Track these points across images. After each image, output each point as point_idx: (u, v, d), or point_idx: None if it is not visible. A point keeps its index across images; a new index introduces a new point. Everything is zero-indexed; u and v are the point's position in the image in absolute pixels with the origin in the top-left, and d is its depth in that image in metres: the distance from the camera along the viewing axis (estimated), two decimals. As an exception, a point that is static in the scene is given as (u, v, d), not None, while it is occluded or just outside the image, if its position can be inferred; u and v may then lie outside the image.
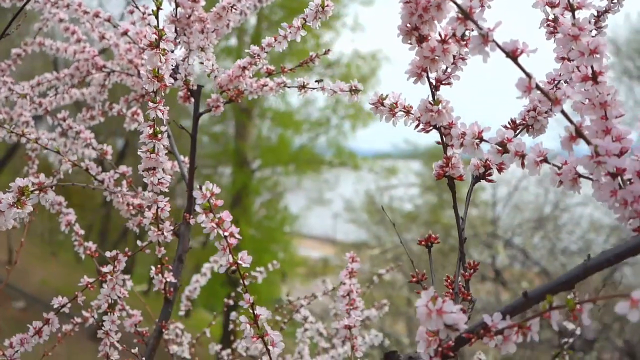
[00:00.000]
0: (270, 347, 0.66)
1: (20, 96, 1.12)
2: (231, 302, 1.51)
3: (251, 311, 0.66)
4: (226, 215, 0.64)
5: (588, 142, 0.52)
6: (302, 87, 0.97)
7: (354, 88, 0.86)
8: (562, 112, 0.52)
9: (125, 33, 1.05)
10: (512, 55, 0.51)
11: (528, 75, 0.51)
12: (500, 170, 0.68)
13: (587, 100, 0.56)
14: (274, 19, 10.64)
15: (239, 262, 0.64)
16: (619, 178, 0.53)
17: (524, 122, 0.69)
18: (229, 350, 1.41)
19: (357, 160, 11.39)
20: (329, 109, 11.83)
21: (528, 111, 0.69)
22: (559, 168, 0.56)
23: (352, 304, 0.96)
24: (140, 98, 1.17)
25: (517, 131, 0.69)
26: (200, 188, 0.62)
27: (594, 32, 0.73)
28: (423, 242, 0.70)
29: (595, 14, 0.74)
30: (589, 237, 7.44)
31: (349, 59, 10.67)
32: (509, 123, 0.70)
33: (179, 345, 1.33)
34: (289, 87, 0.99)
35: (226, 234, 0.63)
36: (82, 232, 1.11)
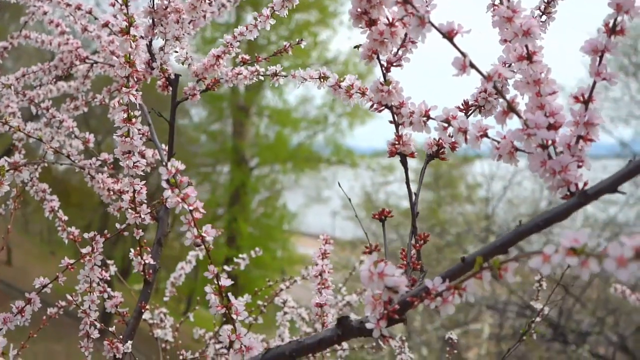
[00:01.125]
0: (234, 316, 0.70)
1: (4, 86, 1.15)
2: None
3: (216, 282, 0.70)
4: (191, 191, 0.67)
5: (519, 116, 0.55)
6: (275, 74, 1.00)
7: (322, 76, 0.89)
8: (495, 87, 0.55)
9: (106, 25, 1.08)
10: (448, 36, 0.55)
11: (463, 54, 0.55)
12: (453, 148, 0.72)
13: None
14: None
15: (204, 235, 0.68)
16: (552, 149, 0.57)
17: (476, 102, 0.73)
18: (211, 333, 1.45)
19: (355, 158, 11.44)
20: (326, 106, 11.87)
21: (479, 92, 0.73)
22: (498, 142, 0.60)
23: (324, 283, 1.00)
24: (122, 88, 1.21)
25: (470, 112, 0.73)
26: (166, 165, 0.66)
27: (543, 18, 0.77)
28: (377, 216, 0.73)
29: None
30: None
31: (346, 56, 10.71)
32: (461, 104, 0.73)
33: (162, 328, 1.37)
34: (262, 75, 1.02)
35: (191, 208, 0.67)
36: (65, 218, 1.14)
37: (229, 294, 0.70)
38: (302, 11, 10.84)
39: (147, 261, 1.01)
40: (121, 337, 0.98)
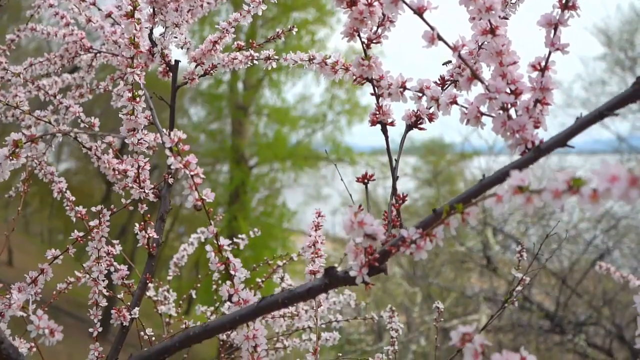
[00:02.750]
0: (232, 272, 0.77)
1: (14, 75, 1.22)
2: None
3: (215, 242, 0.77)
4: (192, 158, 0.74)
5: (482, 82, 0.62)
6: (268, 58, 1.07)
7: (311, 57, 0.96)
8: (459, 57, 0.62)
9: (109, 15, 1.15)
10: (419, 11, 0.62)
11: (432, 28, 0.62)
12: (430, 119, 0.79)
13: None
14: (268, 16, 10.76)
15: (204, 197, 0.75)
16: (513, 112, 0.64)
17: (451, 77, 0.80)
18: (212, 308, 1.52)
19: (353, 156, 11.52)
20: (325, 104, 11.96)
21: (454, 68, 0.80)
22: (467, 109, 0.67)
23: (317, 252, 1.07)
24: (124, 76, 1.28)
25: (445, 85, 0.80)
26: (169, 134, 0.73)
27: (513, 0, 0.84)
28: (360, 180, 0.80)
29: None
30: (581, 225, 7.58)
31: (344, 54, 10.77)
32: (438, 79, 0.80)
33: (166, 304, 1.44)
34: (256, 59, 1.09)
35: (192, 173, 0.74)
36: (73, 198, 1.21)
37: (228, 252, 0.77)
38: (300, 10, 10.93)
39: (151, 235, 1.08)
40: (129, 304, 1.05)
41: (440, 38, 0.61)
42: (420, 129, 0.79)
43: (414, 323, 6.02)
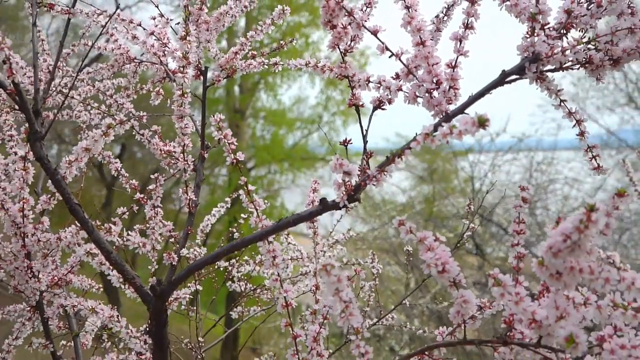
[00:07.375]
0: (257, 208, 1.14)
1: (78, 80, 1.59)
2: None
3: (246, 188, 1.14)
4: (229, 131, 1.11)
5: (414, 76, 1.00)
6: (276, 64, 1.45)
7: (307, 62, 1.34)
8: (400, 60, 1.00)
9: (152, 33, 1.52)
10: (374, 33, 0.99)
11: (382, 42, 0.99)
12: (389, 102, 1.16)
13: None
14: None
15: (238, 157, 1.12)
16: (436, 94, 1.01)
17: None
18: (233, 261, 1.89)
19: (350, 156, 11.85)
20: (320, 106, 12.33)
21: (402, 68, 1.17)
22: (407, 93, 1.04)
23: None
24: (162, 80, 1.65)
25: (399, 79, 1.17)
26: (213, 116, 1.10)
27: (445, 18, 1.21)
28: (342, 143, 1.18)
29: (446, 6, 1.21)
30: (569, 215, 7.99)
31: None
32: (394, 74, 1.17)
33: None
34: (266, 65, 1.47)
35: (229, 142, 1.11)
36: (127, 174, 1.58)
37: (254, 194, 1.15)
38: (293, 13, 11.31)
39: (191, 197, 1.45)
40: (177, 246, 1.41)
41: (387, 49, 0.99)
42: (382, 109, 1.16)
43: (407, 306, 6.39)
